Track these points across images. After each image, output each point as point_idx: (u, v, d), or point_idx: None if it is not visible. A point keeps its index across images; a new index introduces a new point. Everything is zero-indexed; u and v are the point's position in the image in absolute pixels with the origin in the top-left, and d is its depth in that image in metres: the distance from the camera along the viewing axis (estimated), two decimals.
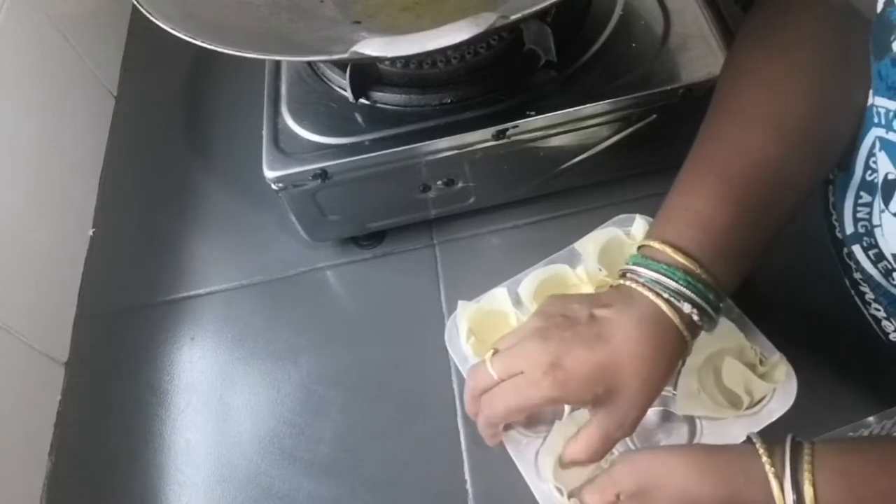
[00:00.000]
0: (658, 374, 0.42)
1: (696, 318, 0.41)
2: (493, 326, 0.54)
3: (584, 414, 0.48)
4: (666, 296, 0.41)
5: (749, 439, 0.38)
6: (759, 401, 0.48)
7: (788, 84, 0.44)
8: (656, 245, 0.43)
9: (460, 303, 0.55)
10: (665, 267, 0.42)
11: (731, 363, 0.49)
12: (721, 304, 0.43)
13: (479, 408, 0.45)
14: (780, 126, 0.43)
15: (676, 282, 0.41)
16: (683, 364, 0.47)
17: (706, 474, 0.37)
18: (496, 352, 0.44)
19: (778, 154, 0.43)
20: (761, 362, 0.49)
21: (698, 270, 0.41)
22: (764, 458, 0.36)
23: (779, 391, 0.48)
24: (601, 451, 0.43)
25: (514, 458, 0.48)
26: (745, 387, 0.48)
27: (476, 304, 0.55)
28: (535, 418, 0.50)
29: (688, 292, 0.41)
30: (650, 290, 0.42)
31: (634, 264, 0.43)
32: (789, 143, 0.43)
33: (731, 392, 0.48)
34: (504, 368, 0.43)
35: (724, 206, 0.42)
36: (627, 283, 0.43)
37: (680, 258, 0.42)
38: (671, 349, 0.42)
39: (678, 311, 0.41)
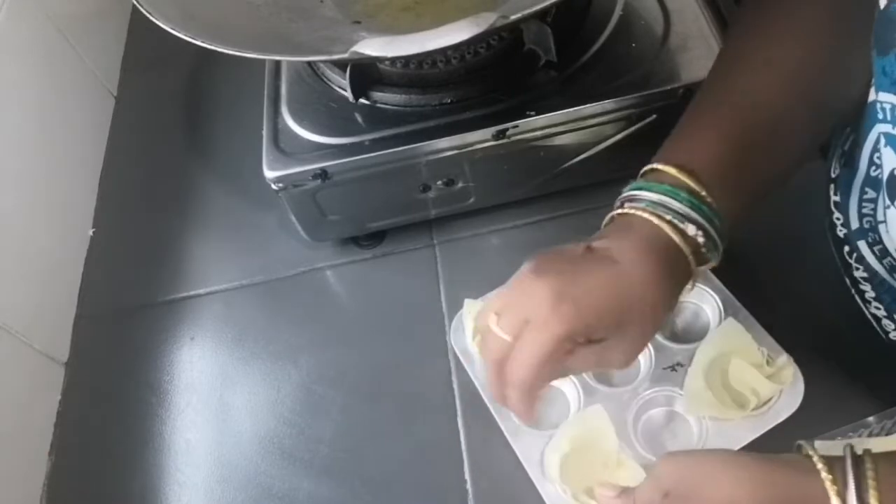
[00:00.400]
0: (666, 303, 0.39)
1: (701, 240, 0.39)
2: None
3: (590, 413, 0.48)
4: (669, 217, 0.39)
5: (805, 452, 0.36)
6: (766, 402, 0.48)
7: (789, 46, 0.43)
8: (660, 166, 0.41)
9: (467, 301, 0.55)
10: (668, 188, 0.39)
11: (738, 364, 0.48)
12: (724, 235, 0.40)
13: (506, 383, 0.39)
14: (780, 75, 0.42)
15: (681, 202, 0.39)
16: (694, 285, 0.43)
17: (757, 485, 0.35)
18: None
19: (779, 98, 0.42)
20: (768, 363, 0.49)
21: (703, 192, 0.39)
22: (824, 474, 0.34)
23: (785, 392, 0.48)
24: (584, 368, 0.41)
25: (519, 457, 0.48)
26: (752, 388, 0.48)
27: (482, 302, 0.54)
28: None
29: (693, 213, 0.39)
30: (652, 213, 0.39)
31: (635, 189, 0.41)
32: (790, 92, 0.42)
33: (738, 393, 0.48)
34: (509, 323, 0.38)
35: (724, 142, 0.41)
36: (625, 210, 0.41)
37: (685, 178, 0.39)
38: (679, 275, 0.39)
39: (682, 233, 0.39)
